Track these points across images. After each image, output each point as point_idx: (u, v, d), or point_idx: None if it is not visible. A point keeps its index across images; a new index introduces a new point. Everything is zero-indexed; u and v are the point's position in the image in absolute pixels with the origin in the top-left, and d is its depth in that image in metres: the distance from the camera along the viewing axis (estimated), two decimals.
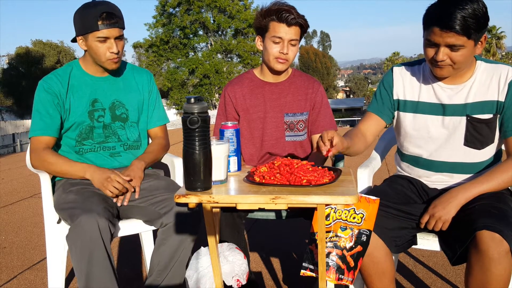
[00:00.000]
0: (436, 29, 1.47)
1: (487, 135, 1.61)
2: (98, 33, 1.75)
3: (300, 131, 2.01)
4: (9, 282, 2.41)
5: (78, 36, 1.82)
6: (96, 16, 1.73)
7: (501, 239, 1.30)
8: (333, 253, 1.50)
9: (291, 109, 1.99)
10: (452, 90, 1.63)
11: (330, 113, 2.06)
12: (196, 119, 1.23)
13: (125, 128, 1.95)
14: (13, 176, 5.63)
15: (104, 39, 1.76)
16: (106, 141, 1.92)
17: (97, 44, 1.77)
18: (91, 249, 1.53)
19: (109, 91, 1.92)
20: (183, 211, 1.72)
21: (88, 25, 1.75)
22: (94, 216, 1.55)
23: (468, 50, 1.48)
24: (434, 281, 2.26)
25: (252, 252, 2.69)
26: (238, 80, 2.05)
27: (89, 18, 1.74)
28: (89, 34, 1.76)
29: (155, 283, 1.74)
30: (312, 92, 2.02)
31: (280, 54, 1.87)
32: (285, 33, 1.84)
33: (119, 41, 1.81)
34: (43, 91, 1.83)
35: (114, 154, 1.93)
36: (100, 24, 1.73)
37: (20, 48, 32.90)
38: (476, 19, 1.43)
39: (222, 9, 28.35)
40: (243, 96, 2.00)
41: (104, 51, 1.78)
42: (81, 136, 1.88)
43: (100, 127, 1.90)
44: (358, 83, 63.03)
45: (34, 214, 3.74)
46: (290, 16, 1.82)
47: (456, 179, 1.68)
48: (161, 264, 1.73)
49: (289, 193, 1.23)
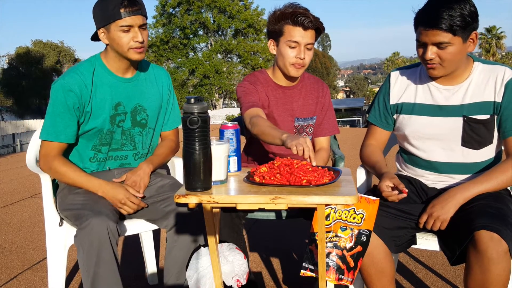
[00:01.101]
0: (422, 28, 1.51)
1: (485, 136, 1.61)
2: (121, 22, 1.65)
3: (309, 134, 2.00)
4: (9, 282, 2.41)
5: (99, 29, 1.71)
6: (118, 4, 1.63)
7: (499, 239, 1.31)
8: (333, 253, 1.50)
9: (302, 114, 1.97)
10: (449, 91, 1.64)
11: (333, 115, 2.06)
12: (196, 119, 1.23)
13: (142, 134, 1.88)
14: (13, 176, 5.63)
15: (128, 28, 1.66)
16: (121, 148, 1.85)
17: (120, 34, 1.67)
18: (99, 251, 1.53)
19: (133, 94, 1.82)
20: (187, 210, 1.72)
21: (110, 14, 1.64)
22: (104, 219, 1.54)
23: (456, 47, 1.49)
24: (434, 281, 2.26)
25: (252, 252, 2.69)
26: (254, 78, 1.95)
27: (110, 7, 1.64)
28: (111, 24, 1.66)
29: (178, 285, 1.74)
30: (322, 96, 2.01)
31: (297, 60, 1.81)
32: (302, 37, 1.78)
33: (143, 30, 1.71)
34: (62, 91, 1.68)
35: (125, 164, 1.88)
36: (122, 12, 1.63)
37: (20, 48, 32.92)
38: (462, 16, 1.45)
39: (222, 9, 28.34)
40: (263, 94, 1.92)
41: (128, 40, 1.68)
42: (101, 142, 1.80)
43: (119, 132, 1.82)
44: (358, 83, 63.05)
45: (34, 214, 3.74)
46: (306, 19, 1.75)
47: (455, 180, 1.68)
48: (178, 266, 1.72)
49: (289, 193, 1.23)
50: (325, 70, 48.76)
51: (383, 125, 1.80)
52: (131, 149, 1.87)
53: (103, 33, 1.71)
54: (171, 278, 1.74)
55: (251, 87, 1.90)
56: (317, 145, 2.02)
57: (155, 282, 2.30)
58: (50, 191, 1.82)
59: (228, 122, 1.51)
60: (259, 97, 1.89)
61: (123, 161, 1.88)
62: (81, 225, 1.57)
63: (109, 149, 1.83)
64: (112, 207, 1.69)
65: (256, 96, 1.88)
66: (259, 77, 1.96)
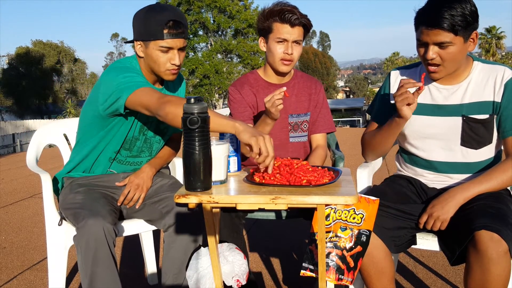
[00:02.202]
0: (423, 28, 1.50)
1: (484, 135, 1.61)
2: (162, 43, 1.60)
3: (304, 131, 2.02)
4: (9, 282, 2.41)
5: (137, 41, 1.67)
6: (163, 24, 1.57)
7: (499, 239, 1.31)
8: (333, 253, 1.50)
9: (295, 110, 1.99)
10: (448, 90, 1.64)
11: (329, 113, 2.07)
12: (196, 119, 1.23)
13: (160, 142, 1.88)
14: (13, 176, 5.63)
15: (167, 49, 1.62)
16: (139, 155, 1.85)
17: (158, 54, 1.62)
18: (96, 250, 1.53)
19: None
20: (185, 211, 1.72)
21: (152, 32, 1.59)
22: (100, 219, 1.55)
23: (457, 47, 1.49)
24: (434, 281, 2.26)
25: (252, 252, 2.69)
26: (244, 80, 2.02)
27: (153, 24, 1.58)
28: (151, 41, 1.61)
29: (176, 285, 1.74)
30: (315, 92, 2.03)
31: (285, 55, 1.85)
32: (289, 34, 1.82)
33: (181, 52, 1.66)
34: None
35: (137, 170, 1.87)
36: (166, 32, 1.58)
37: (20, 48, 32.92)
38: (463, 16, 1.45)
39: (222, 9, 28.33)
40: (252, 94, 1.98)
41: (165, 61, 1.63)
42: (124, 146, 1.79)
43: (142, 140, 1.81)
44: (358, 83, 63.02)
45: (34, 214, 3.74)
46: (293, 16, 1.80)
47: (455, 179, 1.68)
48: (175, 267, 1.72)
49: (289, 193, 1.23)
50: (325, 70, 48.75)
51: (383, 123, 1.79)
52: (147, 155, 1.87)
53: (140, 45, 1.67)
54: (169, 279, 1.74)
55: (237, 96, 1.97)
56: (314, 143, 2.04)
57: (155, 282, 2.30)
58: (50, 191, 1.82)
59: None
60: (247, 102, 1.96)
61: (136, 167, 1.88)
62: (78, 224, 1.57)
63: (129, 155, 1.83)
64: (110, 207, 1.68)
65: (242, 106, 1.96)
66: (249, 78, 2.01)
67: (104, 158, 1.82)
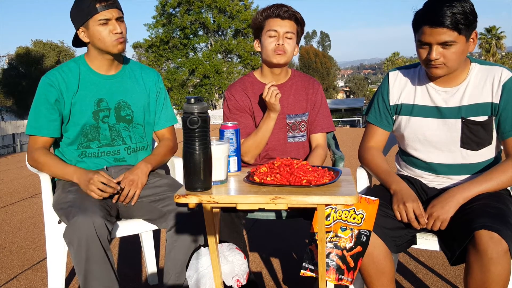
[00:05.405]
0: (427, 27, 1.49)
1: (483, 137, 1.61)
2: (99, 16, 1.72)
3: (302, 131, 2.02)
4: (9, 282, 2.41)
5: (78, 29, 1.78)
6: (92, 1, 1.71)
7: (499, 239, 1.31)
8: (333, 253, 1.50)
9: (293, 110, 2.00)
10: (447, 93, 1.64)
11: (328, 113, 2.07)
12: (196, 119, 1.23)
13: (129, 130, 1.91)
14: (13, 176, 5.63)
15: (106, 21, 1.73)
16: (112, 144, 1.88)
17: (99, 29, 1.74)
18: (88, 248, 1.53)
19: (116, 91, 1.87)
20: (186, 210, 1.72)
21: (87, 11, 1.72)
22: (89, 215, 1.54)
23: (460, 46, 1.49)
24: (434, 281, 2.26)
25: (252, 252, 2.69)
26: (240, 83, 2.04)
27: (85, 4, 1.72)
28: (89, 20, 1.73)
29: (178, 285, 1.74)
30: (313, 92, 2.03)
31: (277, 46, 1.88)
32: (280, 26, 1.87)
33: (120, 23, 1.77)
34: (44, 87, 1.79)
35: (119, 159, 1.90)
36: (98, 6, 1.71)
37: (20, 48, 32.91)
38: (465, 14, 1.45)
39: (222, 9, 28.35)
40: (247, 99, 2.00)
41: (108, 33, 1.74)
42: (87, 137, 1.84)
43: (106, 128, 1.85)
44: (358, 83, 63.03)
45: (34, 214, 3.74)
46: (282, 9, 1.87)
47: (455, 181, 1.68)
48: (177, 267, 1.72)
49: (289, 193, 1.23)
50: (325, 70, 48.76)
51: (384, 125, 1.80)
52: (121, 143, 1.90)
53: (83, 32, 1.78)
54: (171, 278, 1.74)
55: (231, 102, 2.01)
56: (314, 142, 2.04)
57: (155, 282, 2.30)
58: (50, 191, 1.82)
59: (228, 122, 1.51)
60: (242, 107, 2.00)
61: (116, 156, 1.90)
62: (68, 222, 1.57)
63: (100, 145, 1.86)
64: (101, 203, 1.68)
65: (234, 114, 2.00)
66: (245, 82, 2.03)
67: (72, 156, 1.85)
